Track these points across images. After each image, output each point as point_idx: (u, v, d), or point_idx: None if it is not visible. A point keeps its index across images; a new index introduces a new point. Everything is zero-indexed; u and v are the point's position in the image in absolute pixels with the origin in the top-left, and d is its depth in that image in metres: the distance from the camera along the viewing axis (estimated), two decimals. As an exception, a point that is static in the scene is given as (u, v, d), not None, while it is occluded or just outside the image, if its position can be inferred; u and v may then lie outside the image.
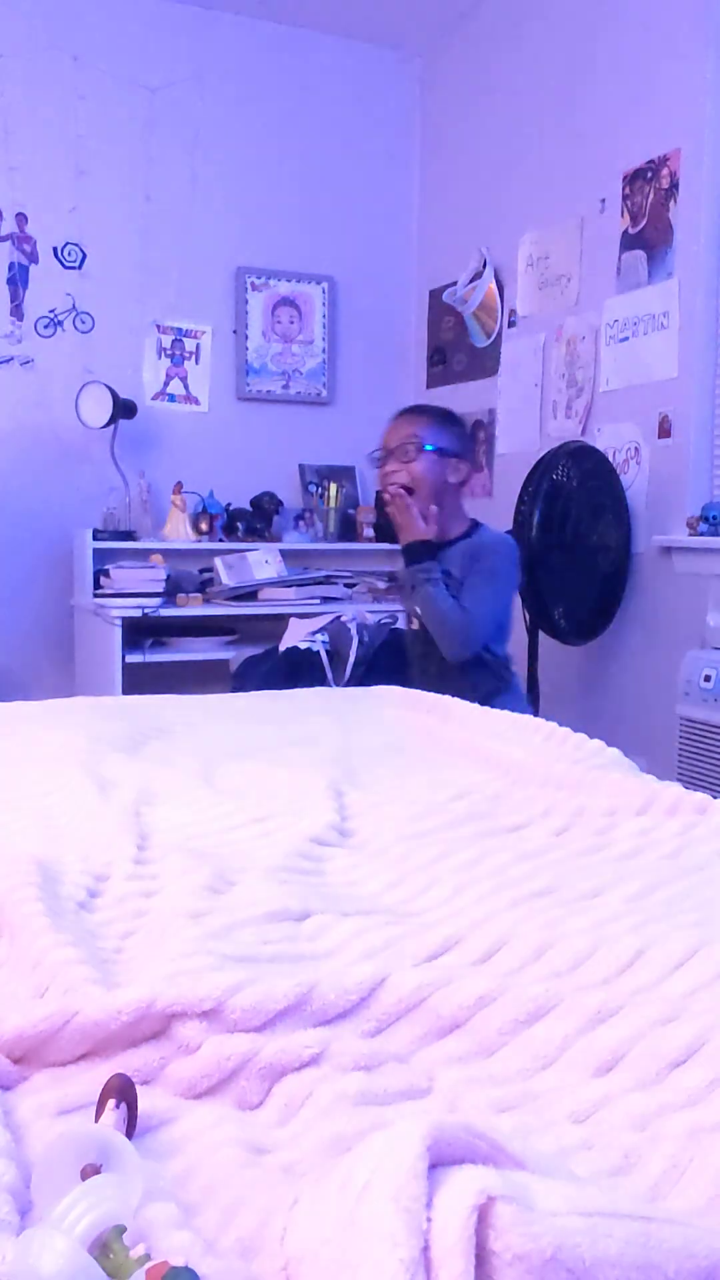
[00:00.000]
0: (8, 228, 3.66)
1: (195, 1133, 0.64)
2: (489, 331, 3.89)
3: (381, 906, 0.96)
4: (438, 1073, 0.71)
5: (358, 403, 4.28)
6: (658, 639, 3.12)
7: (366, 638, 2.98)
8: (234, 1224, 0.55)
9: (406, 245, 4.33)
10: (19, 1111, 0.66)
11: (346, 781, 1.40)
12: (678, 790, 1.30)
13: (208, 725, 1.83)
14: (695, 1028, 0.71)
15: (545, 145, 3.56)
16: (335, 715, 1.91)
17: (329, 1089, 0.67)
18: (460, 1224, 0.42)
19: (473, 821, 1.21)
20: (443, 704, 1.97)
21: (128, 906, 0.96)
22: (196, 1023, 0.71)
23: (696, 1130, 0.62)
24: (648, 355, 3.11)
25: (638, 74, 3.13)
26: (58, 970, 0.77)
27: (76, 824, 1.21)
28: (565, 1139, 0.63)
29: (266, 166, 4.04)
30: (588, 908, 0.94)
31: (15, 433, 3.72)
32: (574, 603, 3.10)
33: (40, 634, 3.82)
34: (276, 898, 0.93)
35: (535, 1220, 0.43)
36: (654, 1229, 0.45)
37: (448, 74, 4.12)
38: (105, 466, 3.75)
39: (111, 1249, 0.49)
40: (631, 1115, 0.65)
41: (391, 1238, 0.42)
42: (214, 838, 1.18)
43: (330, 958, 0.84)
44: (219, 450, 3.98)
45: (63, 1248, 0.46)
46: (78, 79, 3.70)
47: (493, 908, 0.94)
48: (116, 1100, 0.62)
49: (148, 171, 3.84)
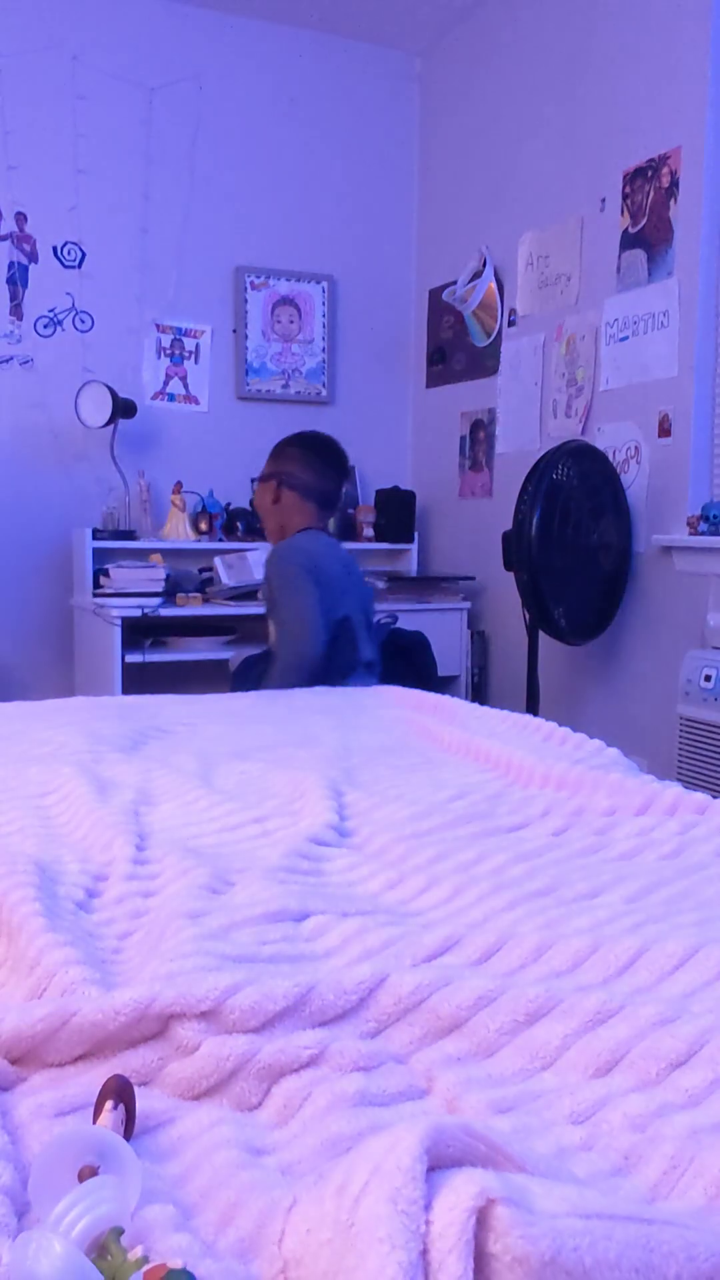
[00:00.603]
0: (7, 227, 3.66)
1: (193, 1134, 0.64)
2: (489, 331, 3.89)
3: (381, 907, 0.95)
4: (437, 1073, 0.71)
5: (358, 402, 4.28)
6: (658, 639, 3.11)
7: (366, 637, 2.98)
8: (232, 1225, 0.55)
9: (406, 245, 4.33)
10: (17, 1112, 0.65)
11: (346, 781, 1.40)
12: (677, 790, 1.30)
13: (207, 725, 1.83)
14: (695, 1028, 0.71)
15: (545, 145, 3.56)
16: (335, 715, 1.91)
17: (327, 1090, 0.67)
18: (459, 1226, 0.42)
19: (472, 822, 1.21)
20: (443, 704, 1.97)
21: (126, 907, 0.96)
22: (195, 1023, 0.71)
23: (696, 1131, 0.62)
24: (648, 354, 3.11)
25: (637, 73, 3.13)
26: (56, 970, 0.77)
27: (75, 824, 1.21)
28: (565, 1140, 0.63)
29: (266, 166, 4.04)
30: (587, 908, 0.94)
31: (15, 432, 3.72)
32: (574, 602, 3.10)
33: (40, 634, 3.82)
34: (275, 898, 0.92)
35: (534, 1222, 0.43)
36: (654, 1231, 0.45)
37: (448, 74, 4.12)
38: (105, 466, 3.75)
39: (109, 1251, 0.48)
40: (631, 1116, 0.65)
41: (390, 1240, 0.42)
42: (213, 838, 1.18)
43: (329, 958, 0.84)
44: (219, 450, 3.98)
45: (60, 1250, 0.46)
46: (78, 79, 3.70)
47: (492, 908, 0.94)
48: (114, 1101, 0.61)
49: (147, 171, 3.84)
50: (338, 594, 2.52)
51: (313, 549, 2.56)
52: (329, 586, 2.50)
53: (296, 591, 2.48)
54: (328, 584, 2.50)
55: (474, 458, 4.02)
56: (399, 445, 4.41)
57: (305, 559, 2.51)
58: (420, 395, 4.36)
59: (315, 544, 2.59)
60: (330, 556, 2.58)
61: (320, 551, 2.56)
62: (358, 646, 2.53)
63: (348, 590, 2.56)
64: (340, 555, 2.63)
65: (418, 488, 4.27)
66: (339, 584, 2.53)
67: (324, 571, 2.51)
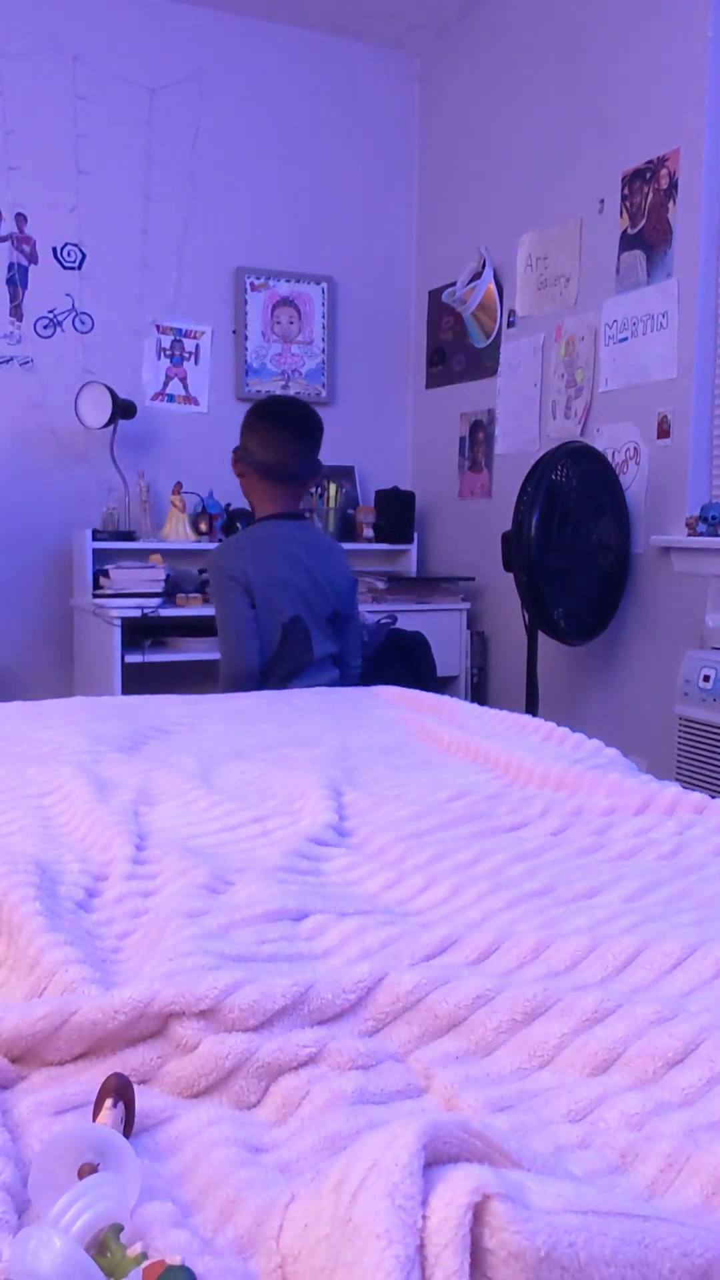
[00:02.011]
0: (7, 228, 3.66)
1: (192, 1132, 0.65)
2: (488, 332, 3.89)
3: (379, 906, 0.96)
4: (435, 1072, 0.71)
5: (357, 403, 4.28)
6: (657, 639, 3.12)
7: (366, 637, 2.98)
8: (231, 1223, 0.55)
9: (406, 245, 4.34)
10: (16, 1110, 0.66)
11: (345, 781, 1.40)
12: (676, 790, 1.30)
13: (207, 725, 1.83)
14: (693, 1027, 0.71)
15: (544, 145, 3.56)
16: (334, 715, 1.91)
17: (326, 1088, 0.67)
18: (455, 1222, 0.42)
19: (471, 821, 1.21)
20: (442, 704, 1.97)
21: (126, 906, 0.96)
22: (194, 1022, 0.71)
23: (693, 1129, 0.62)
24: (647, 355, 3.12)
25: (636, 74, 3.13)
26: (56, 970, 0.78)
27: (75, 824, 1.21)
28: (562, 1138, 0.64)
29: (266, 166, 4.04)
30: (585, 907, 0.94)
31: (14, 433, 3.72)
32: (573, 603, 3.10)
33: (39, 634, 3.82)
34: (275, 897, 0.93)
35: (530, 1218, 0.43)
36: (649, 1227, 0.45)
37: (447, 74, 4.12)
38: (105, 467, 3.76)
39: (109, 1248, 0.49)
40: (628, 1114, 0.65)
41: (387, 1235, 0.42)
42: (212, 837, 1.18)
43: (328, 957, 0.84)
44: (218, 450, 3.98)
45: (60, 1246, 0.46)
46: (78, 79, 3.71)
47: (490, 908, 0.94)
48: (114, 1099, 0.62)
49: (148, 171, 3.85)
50: (280, 595, 2.39)
51: (251, 549, 2.42)
52: (268, 589, 2.38)
53: (222, 603, 2.41)
54: (266, 587, 2.38)
55: (473, 458, 4.02)
56: (399, 446, 4.41)
57: (234, 567, 2.39)
58: (420, 396, 4.36)
59: (256, 543, 2.44)
60: (274, 553, 2.40)
61: (259, 550, 2.41)
62: (311, 645, 2.41)
63: (298, 586, 2.40)
64: (292, 549, 2.43)
65: (417, 488, 4.28)
66: (282, 582, 2.39)
67: (261, 575, 2.38)
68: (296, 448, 2.46)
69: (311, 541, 2.49)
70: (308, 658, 2.42)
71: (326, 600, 2.46)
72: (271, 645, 2.40)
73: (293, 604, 2.39)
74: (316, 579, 2.44)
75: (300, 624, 2.40)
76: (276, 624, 2.39)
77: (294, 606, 2.40)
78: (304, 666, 2.42)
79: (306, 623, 2.41)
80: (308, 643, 2.41)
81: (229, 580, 2.39)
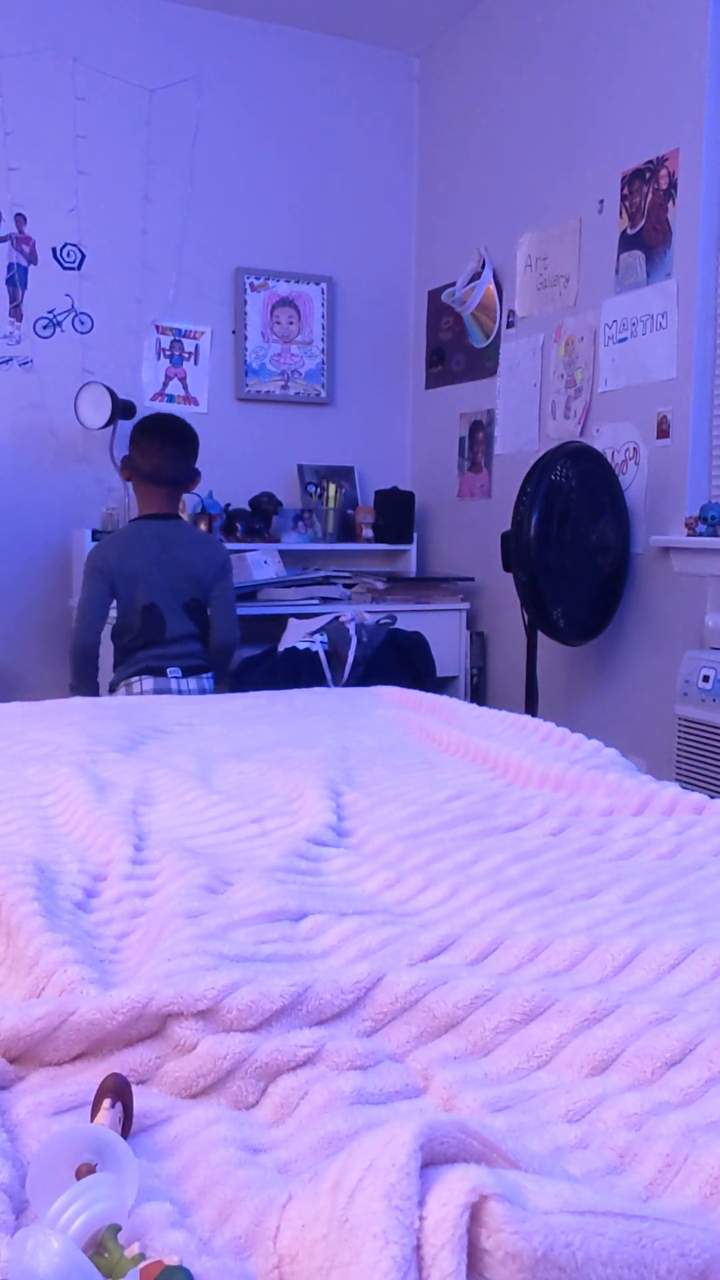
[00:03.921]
0: (7, 228, 3.66)
1: (190, 1132, 0.65)
2: (488, 332, 3.89)
3: (378, 906, 0.96)
4: (433, 1072, 0.71)
5: (357, 403, 4.28)
6: (656, 639, 3.12)
7: (365, 638, 2.99)
8: (228, 1223, 0.55)
9: (405, 245, 4.34)
10: (15, 1110, 0.66)
11: (344, 781, 1.40)
12: (675, 790, 1.30)
13: (205, 725, 1.83)
14: (691, 1027, 0.71)
15: (544, 145, 3.56)
16: (333, 715, 1.91)
17: (324, 1088, 0.67)
18: (452, 1222, 0.42)
19: (470, 822, 1.21)
20: (441, 704, 1.97)
21: (125, 906, 0.96)
22: (192, 1022, 0.71)
23: (691, 1129, 0.62)
24: (646, 356, 3.12)
25: (636, 74, 3.13)
26: (54, 970, 0.78)
27: (74, 824, 1.21)
28: (560, 1138, 0.64)
29: (265, 166, 4.04)
30: (584, 908, 0.94)
31: (14, 433, 3.72)
32: (573, 603, 3.10)
33: (38, 634, 3.82)
34: (273, 898, 0.93)
35: (527, 1218, 0.43)
36: (646, 1228, 0.45)
37: (447, 74, 4.12)
38: (104, 467, 3.75)
39: (106, 1248, 0.49)
40: (627, 1115, 0.65)
41: (384, 1235, 0.42)
42: (211, 838, 1.18)
43: (326, 957, 0.84)
44: (218, 451, 3.98)
45: (58, 1247, 0.46)
46: (77, 79, 3.71)
47: (489, 908, 0.94)
48: (112, 1099, 0.62)
49: (147, 172, 3.85)
50: (138, 585, 2.76)
51: (119, 545, 2.80)
52: (128, 579, 2.76)
53: (83, 588, 2.80)
54: (127, 578, 2.76)
55: (473, 459, 4.02)
56: (398, 446, 4.41)
57: (101, 560, 2.78)
58: (419, 396, 4.36)
59: (124, 540, 2.81)
60: (137, 548, 2.77)
61: (126, 547, 2.78)
62: (165, 627, 2.77)
63: (154, 578, 2.76)
64: (154, 545, 2.78)
65: (417, 489, 4.27)
66: (142, 573, 2.76)
67: (122, 566, 2.76)
68: (169, 456, 2.84)
69: (178, 538, 2.84)
70: (162, 636, 2.78)
71: (184, 589, 2.82)
72: (133, 625, 2.78)
73: (148, 593, 2.77)
74: (174, 571, 2.80)
75: (156, 610, 2.78)
76: (136, 608, 2.76)
77: (150, 595, 2.77)
78: (157, 642, 2.78)
79: (162, 609, 2.78)
80: (162, 625, 2.78)
81: (94, 570, 2.78)
